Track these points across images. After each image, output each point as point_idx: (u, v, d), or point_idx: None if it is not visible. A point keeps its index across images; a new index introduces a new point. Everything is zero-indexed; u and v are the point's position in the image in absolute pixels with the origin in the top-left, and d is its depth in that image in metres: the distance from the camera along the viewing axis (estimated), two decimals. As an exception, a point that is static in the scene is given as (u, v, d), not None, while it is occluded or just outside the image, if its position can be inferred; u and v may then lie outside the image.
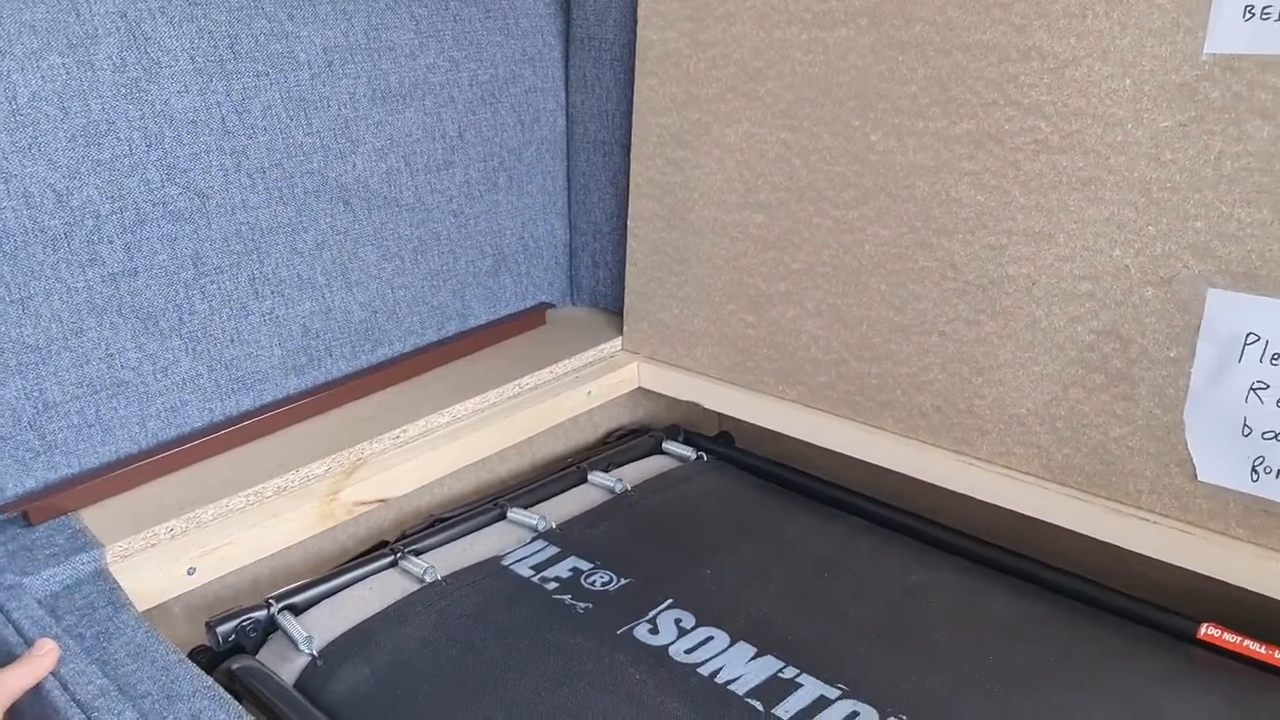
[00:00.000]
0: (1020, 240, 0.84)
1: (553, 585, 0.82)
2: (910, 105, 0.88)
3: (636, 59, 1.08)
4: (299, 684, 0.73)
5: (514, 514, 0.93)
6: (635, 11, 1.08)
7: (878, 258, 0.92)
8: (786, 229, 0.99)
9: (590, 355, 1.14)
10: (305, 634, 0.76)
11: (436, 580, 0.82)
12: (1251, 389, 0.74)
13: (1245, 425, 0.74)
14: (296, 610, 0.79)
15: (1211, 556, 0.77)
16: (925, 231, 0.89)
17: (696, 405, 1.10)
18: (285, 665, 0.75)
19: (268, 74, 0.93)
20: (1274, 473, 0.74)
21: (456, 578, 0.83)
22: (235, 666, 0.74)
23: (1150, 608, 0.79)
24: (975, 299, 0.87)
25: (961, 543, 0.88)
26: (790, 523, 0.92)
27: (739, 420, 1.08)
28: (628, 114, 1.12)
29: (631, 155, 1.11)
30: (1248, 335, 0.73)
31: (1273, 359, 0.73)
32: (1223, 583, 0.76)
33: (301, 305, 0.99)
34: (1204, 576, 0.77)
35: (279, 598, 0.79)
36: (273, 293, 0.97)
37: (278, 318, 0.98)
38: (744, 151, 1.01)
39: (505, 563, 0.85)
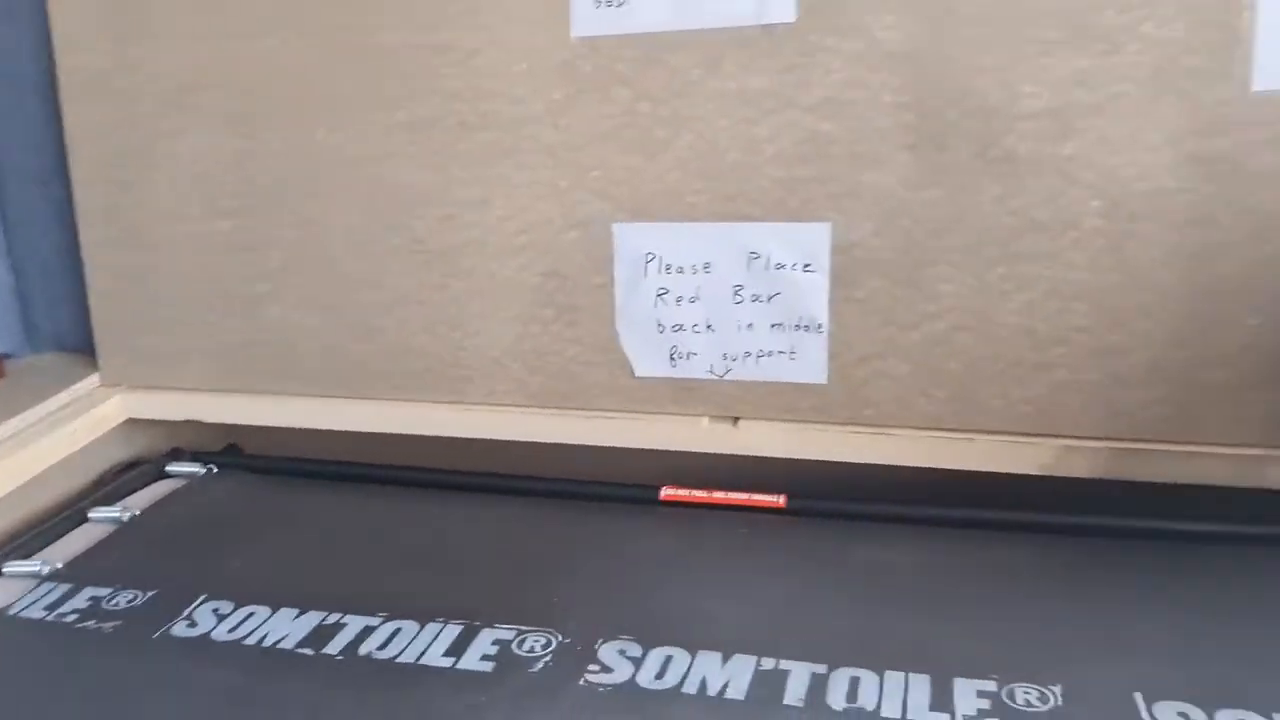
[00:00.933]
0: (467, 209, 0.97)
1: (73, 617, 0.78)
2: (349, 103, 0.97)
3: (60, 87, 1.05)
4: None
5: (10, 567, 0.87)
6: (50, 40, 1.04)
7: (350, 244, 1.00)
8: (256, 232, 1.02)
9: (65, 396, 1.08)
10: None
11: (-70, 648, 0.75)
12: (658, 295, 0.93)
13: (659, 324, 0.94)
14: None
15: (653, 434, 0.96)
16: (387, 213, 0.99)
17: (196, 425, 1.10)
18: None
19: None
20: (685, 356, 0.94)
21: (-45, 640, 0.76)
22: None
23: (618, 487, 0.96)
24: (441, 266, 0.98)
25: (481, 482, 0.99)
26: (313, 507, 0.96)
27: (245, 427, 1.09)
28: (62, 142, 1.07)
29: (73, 184, 1.07)
30: (647, 254, 0.93)
31: (667, 269, 0.93)
32: (674, 452, 0.95)
33: None
34: (657, 451, 0.96)
35: None
36: None
37: None
38: (197, 163, 1.02)
39: (13, 613, 0.80)
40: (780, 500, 0.91)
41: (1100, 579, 0.75)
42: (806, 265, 0.89)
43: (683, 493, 0.94)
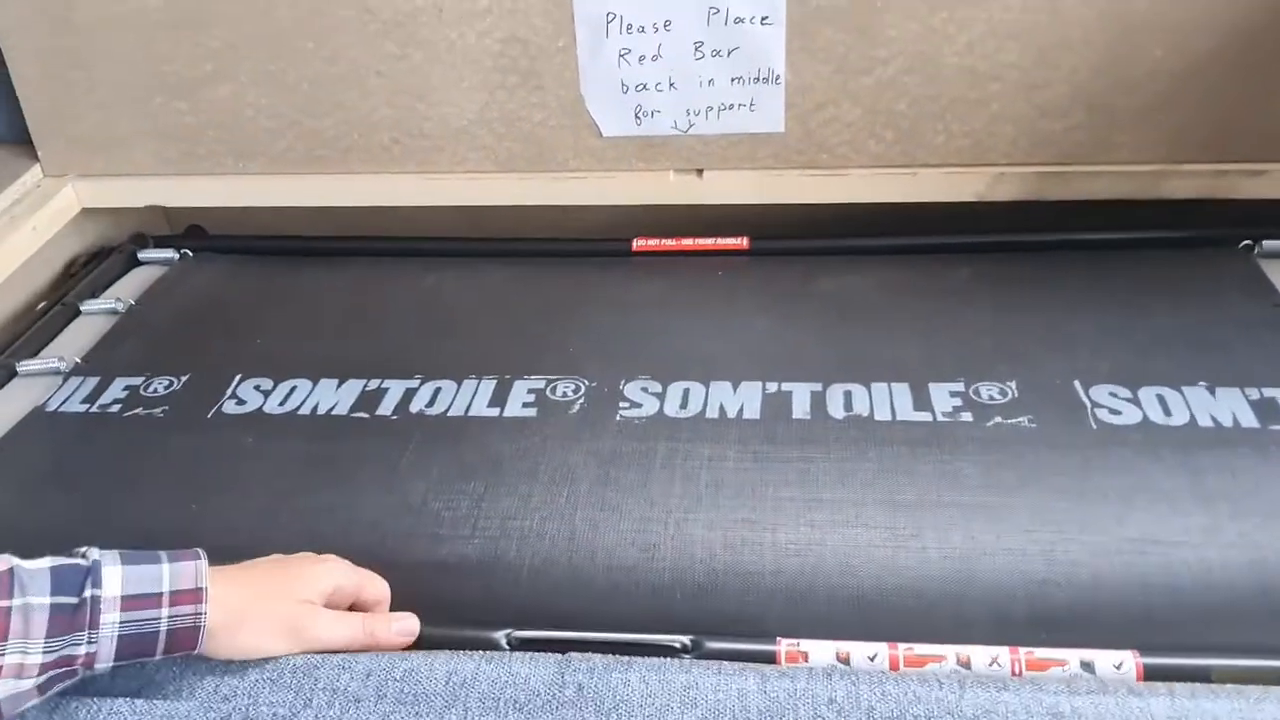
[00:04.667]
0: (417, -26, 0.95)
1: (117, 408, 0.83)
2: None
3: None
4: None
5: (25, 366, 0.90)
6: None
7: (298, 18, 0.98)
8: (191, 8, 0.99)
9: (14, 192, 1.06)
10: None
11: (-10, 448, 0.79)
12: (620, 55, 0.97)
13: (623, 85, 0.98)
14: None
15: (623, 191, 1.02)
16: (331, -18, 0.97)
17: (154, 210, 1.10)
18: None
19: None
20: (650, 114, 0.99)
21: (9, 441, 0.81)
22: None
23: (590, 243, 1.03)
24: (397, 36, 0.98)
25: (462, 248, 1.04)
26: (304, 283, 1.01)
27: (206, 210, 1.10)
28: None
29: (-27, -38, 1.00)
30: (608, 14, 0.95)
31: (628, 29, 0.95)
32: (641, 205, 1.03)
33: None
34: (626, 206, 1.03)
35: None
36: None
37: None
38: (115, -65, 0.96)
39: (52, 408, 0.84)
40: (744, 242, 1.00)
41: (1035, 290, 0.88)
42: (764, 18, 0.93)
43: (653, 243, 1.02)
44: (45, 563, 0.51)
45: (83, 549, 0.53)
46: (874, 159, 0.98)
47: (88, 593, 0.50)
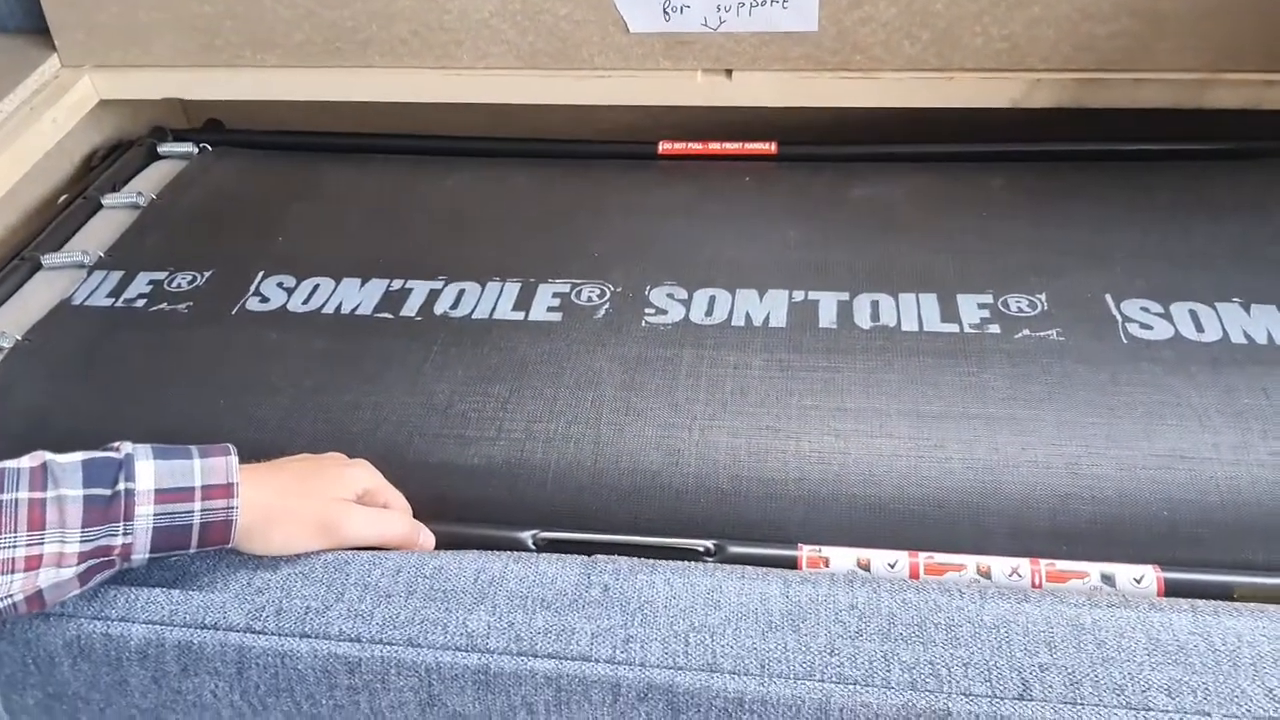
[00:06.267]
0: None
1: (142, 302, 0.83)
2: None
3: None
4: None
5: (50, 259, 0.89)
6: None
7: (314, -99, 0.95)
8: (207, -110, 0.96)
9: (32, 83, 1.04)
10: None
11: (17, 341, 0.80)
12: (651, -52, 0.93)
13: (653, -21, 0.95)
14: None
15: (649, 91, 1.00)
16: None
17: (171, 103, 1.08)
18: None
19: None
20: (679, 10, 0.96)
21: (37, 332, 0.81)
22: None
23: (616, 145, 1.01)
24: (418, -78, 0.95)
25: (484, 146, 1.03)
26: (326, 180, 0.99)
27: (224, 103, 1.08)
28: None
29: None
30: (639, -96, 0.91)
31: (660, -81, 0.92)
32: (668, 108, 1.00)
33: None
34: (651, 108, 1.01)
35: None
36: None
37: None
38: None
39: (77, 302, 0.84)
40: (772, 147, 0.98)
41: (1070, 201, 0.86)
42: (801, -90, 0.90)
43: (679, 146, 1.00)
44: (78, 456, 0.52)
45: (115, 443, 0.53)
46: (908, 61, 0.95)
47: (121, 485, 0.51)
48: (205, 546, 0.53)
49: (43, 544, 0.49)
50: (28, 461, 0.51)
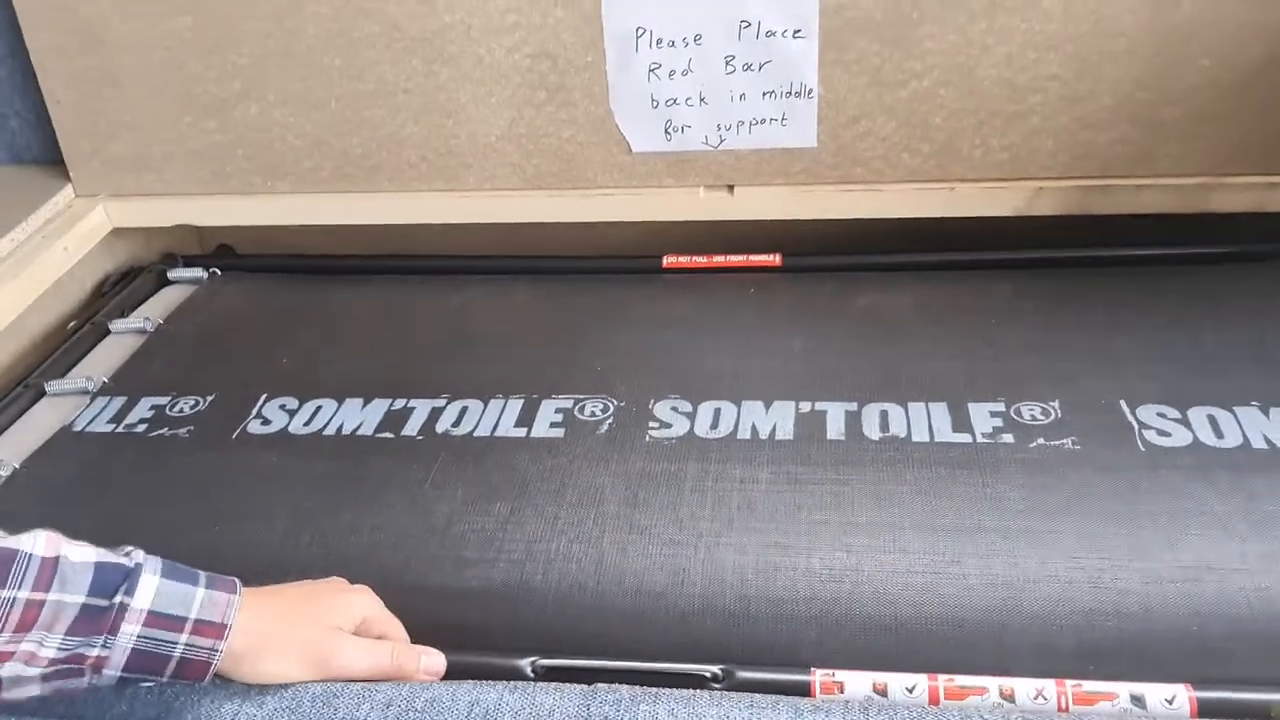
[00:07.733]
0: (445, -9, 0.95)
1: (143, 427, 0.83)
2: (307, -121, 0.92)
3: None
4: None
5: (54, 386, 0.90)
6: None
7: (324, 36, 0.98)
8: (221, 28, 0.99)
9: (46, 212, 1.06)
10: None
11: (15, 470, 0.79)
12: (650, 70, 0.95)
13: (652, 100, 0.96)
14: None
15: (653, 207, 1.01)
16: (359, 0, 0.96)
17: (173, 230, 1.10)
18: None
19: None
20: (680, 129, 0.97)
21: (36, 460, 0.80)
22: None
23: (620, 260, 1.02)
24: (425, 52, 0.97)
25: (491, 265, 1.03)
26: (332, 302, 1.00)
27: (236, 229, 1.10)
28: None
29: (8, -15, 1.00)
30: (638, 29, 0.94)
31: (658, 43, 0.94)
32: (671, 223, 1.01)
33: None
34: (656, 223, 1.01)
35: None
36: None
37: None
38: (146, -45, 0.97)
39: (79, 428, 0.84)
40: (776, 259, 0.98)
41: (1078, 306, 0.85)
42: (796, 31, 0.92)
43: (684, 259, 1.01)
44: (90, 556, 0.50)
45: (129, 548, 0.52)
46: (909, 173, 0.96)
47: (118, 598, 0.50)
48: (179, 679, 0.51)
49: (22, 642, 0.48)
50: (42, 547, 0.49)
